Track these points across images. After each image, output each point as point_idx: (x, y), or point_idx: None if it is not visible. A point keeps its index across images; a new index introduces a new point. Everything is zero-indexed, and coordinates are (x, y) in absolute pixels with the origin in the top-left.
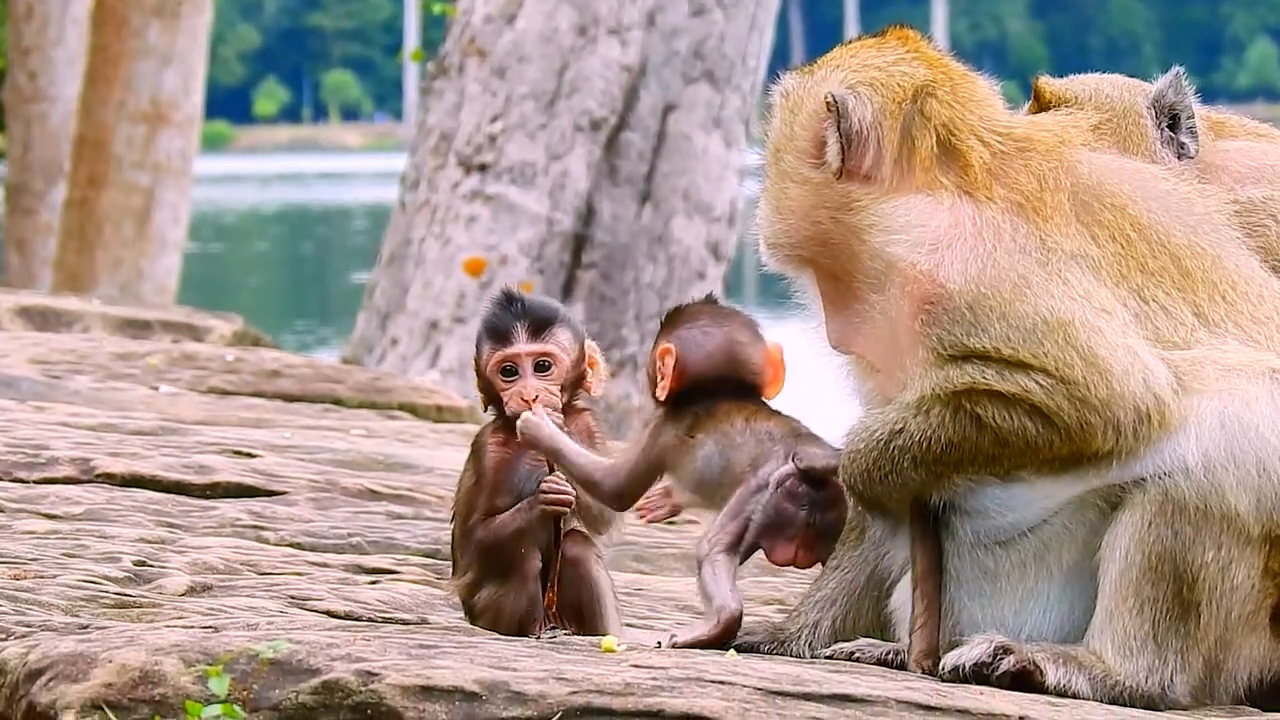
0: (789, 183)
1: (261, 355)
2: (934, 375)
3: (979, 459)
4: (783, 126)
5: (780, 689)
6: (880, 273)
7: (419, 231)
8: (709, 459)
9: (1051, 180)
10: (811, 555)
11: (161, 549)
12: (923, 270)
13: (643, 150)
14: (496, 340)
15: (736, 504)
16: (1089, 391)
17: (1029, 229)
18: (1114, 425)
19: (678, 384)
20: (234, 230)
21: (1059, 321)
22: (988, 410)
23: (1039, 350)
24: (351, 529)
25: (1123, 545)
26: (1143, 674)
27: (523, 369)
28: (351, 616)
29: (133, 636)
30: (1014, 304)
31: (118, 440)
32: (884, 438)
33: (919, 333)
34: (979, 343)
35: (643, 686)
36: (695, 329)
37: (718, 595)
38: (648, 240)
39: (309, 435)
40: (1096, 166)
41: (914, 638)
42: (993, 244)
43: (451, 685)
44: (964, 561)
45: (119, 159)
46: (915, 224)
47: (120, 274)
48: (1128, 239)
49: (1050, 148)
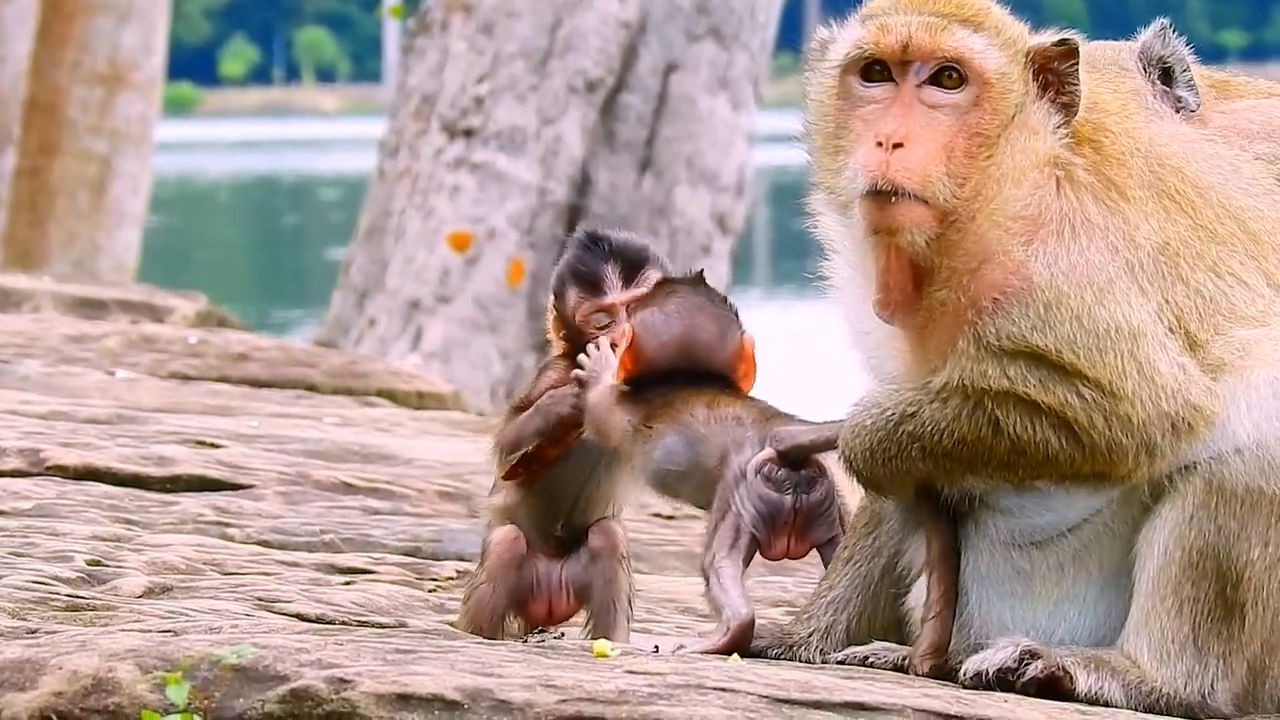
0: (1023, 132)
1: (227, 337)
2: (970, 366)
3: (992, 462)
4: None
5: (787, 696)
6: (965, 258)
7: (399, 203)
8: (670, 452)
9: (1129, 141)
10: (804, 543)
11: (117, 547)
12: (1014, 258)
13: (643, 114)
14: (587, 288)
15: (721, 502)
16: (1132, 409)
17: (1119, 220)
18: (1147, 448)
19: (631, 368)
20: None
21: (1131, 332)
22: (1009, 416)
23: (1100, 359)
24: (324, 525)
25: (1161, 540)
26: (1181, 680)
27: (619, 317)
28: (323, 620)
29: (85, 641)
30: (1093, 308)
31: (70, 429)
32: (895, 418)
33: (973, 320)
34: (1042, 341)
35: (638, 694)
36: (660, 313)
37: (726, 603)
38: (648, 212)
39: (278, 424)
40: (1151, 127)
41: (924, 629)
42: (1087, 240)
43: (430, 693)
44: (995, 561)
45: (73, 124)
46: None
47: (74, 249)
48: (1194, 207)
49: (1117, 105)
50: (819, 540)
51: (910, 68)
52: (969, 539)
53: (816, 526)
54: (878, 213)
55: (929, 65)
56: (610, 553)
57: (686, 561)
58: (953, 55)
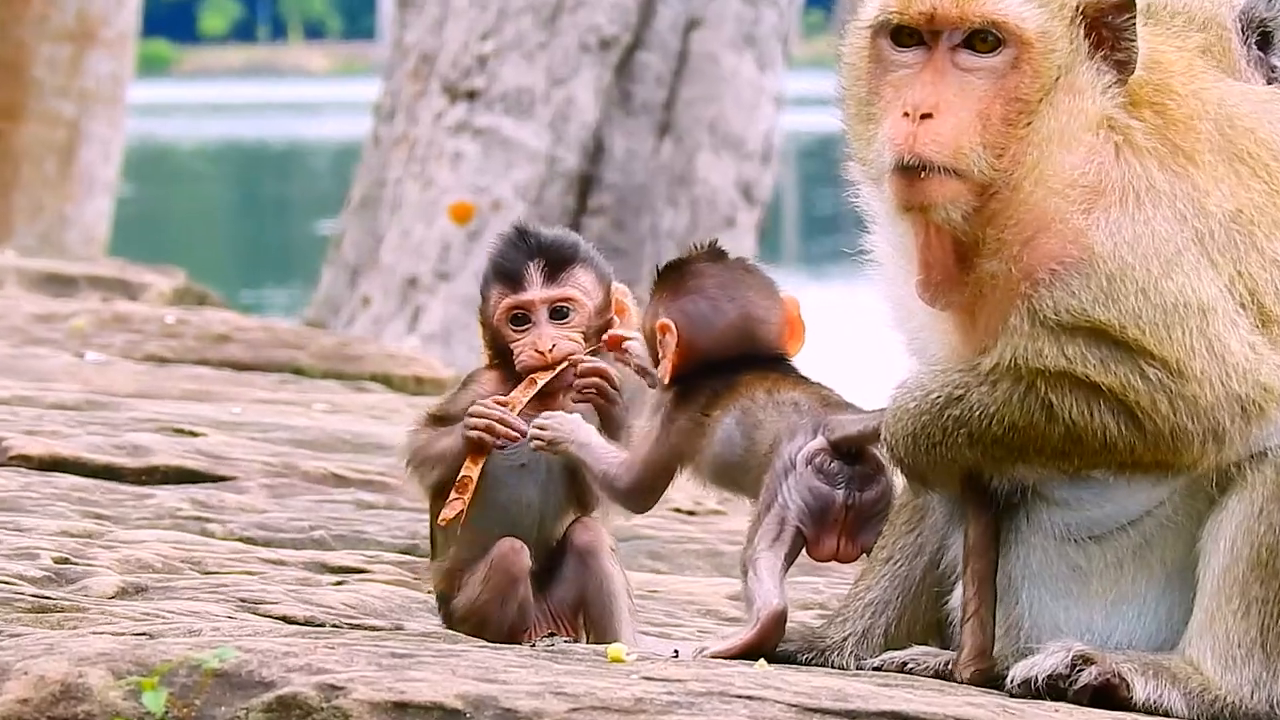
0: (1069, 94)
1: (207, 317)
2: (1024, 345)
3: (1046, 451)
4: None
5: (819, 705)
6: (1017, 228)
7: (395, 171)
8: (729, 439)
9: (1196, 104)
10: (855, 544)
11: (87, 544)
12: (1073, 226)
13: (661, 74)
14: (506, 283)
15: (767, 493)
16: (1200, 390)
17: (1187, 186)
18: (1214, 434)
19: (682, 363)
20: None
21: (1200, 307)
22: (1065, 400)
23: (1167, 335)
24: (313, 521)
25: (1228, 536)
26: (1247, 688)
27: (537, 316)
28: (312, 622)
29: (53, 645)
30: (1160, 281)
31: (35, 416)
32: (941, 402)
33: (1027, 293)
34: (1105, 315)
35: (656, 703)
36: (702, 300)
37: (759, 593)
38: (667, 181)
39: (263, 411)
40: (1222, 88)
41: (963, 632)
42: (1152, 208)
43: (430, 700)
44: (1049, 557)
45: (39, 85)
46: (1078, 167)
47: (41, 221)
48: (1270, 171)
49: (1183, 67)
50: (871, 544)
51: (942, 33)
52: (1020, 533)
53: (870, 528)
54: (907, 189)
55: (961, 30)
56: (599, 549)
57: (709, 560)
58: (983, 20)
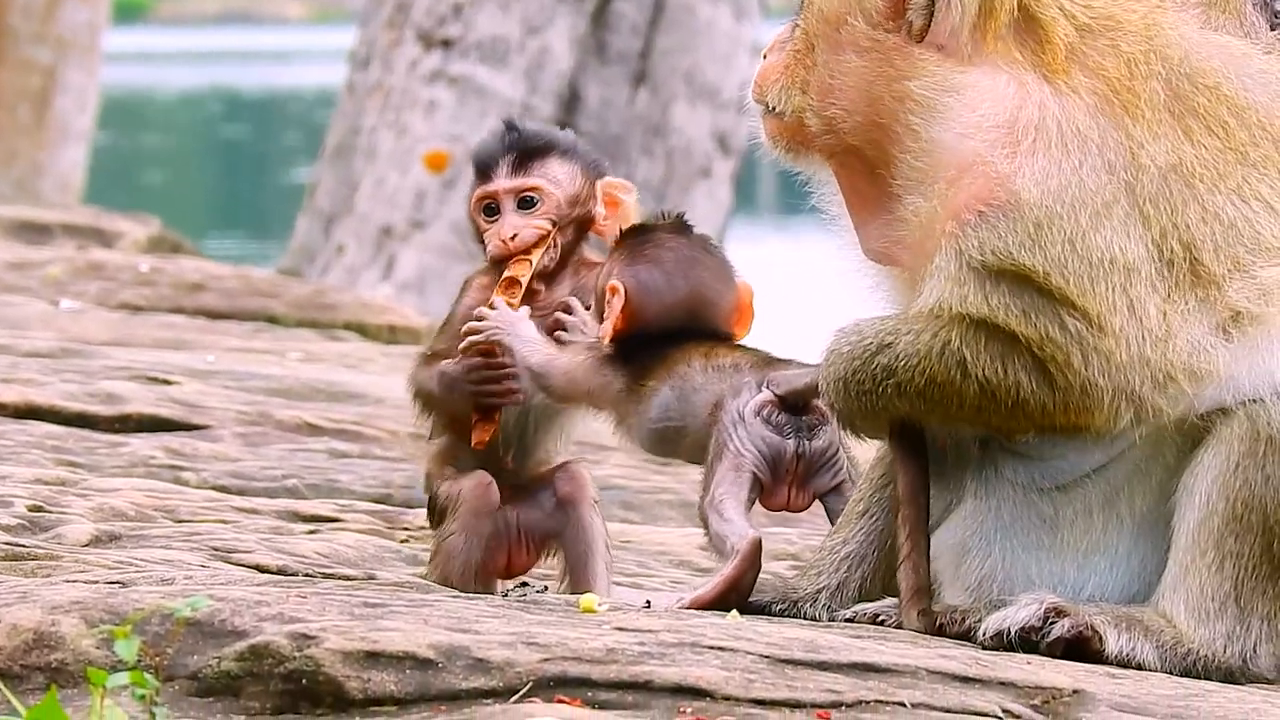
0: (848, 53)
1: (182, 265)
2: (950, 288)
3: (965, 407)
4: None
5: (791, 656)
6: (934, 166)
7: (370, 119)
8: (665, 405)
9: (1143, 65)
10: (806, 493)
11: (61, 492)
12: (998, 171)
13: (636, 23)
14: (478, 175)
15: (716, 445)
16: (1115, 346)
17: (1119, 135)
18: (1126, 395)
19: (625, 328)
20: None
21: (1126, 265)
22: (980, 357)
23: (1091, 287)
24: (286, 470)
25: (1203, 490)
26: (1220, 641)
27: (503, 206)
28: (285, 571)
29: (26, 593)
30: (1088, 233)
31: (10, 364)
32: (873, 348)
33: (955, 233)
34: (1030, 260)
35: (628, 653)
36: (657, 271)
37: (730, 531)
38: (642, 130)
39: (237, 359)
40: (1187, 44)
41: (899, 575)
42: (1080, 156)
43: (402, 650)
44: (1018, 509)
45: (14, 31)
46: (994, 115)
47: (15, 168)
48: (1225, 127)
49: (1139, 26)
50: (822, 489)
51: None
52: (990, 484)
53: (820, 475)
54: (761, 129)
55: None
56: (581, 499)
57: (681, 511)
58: None
